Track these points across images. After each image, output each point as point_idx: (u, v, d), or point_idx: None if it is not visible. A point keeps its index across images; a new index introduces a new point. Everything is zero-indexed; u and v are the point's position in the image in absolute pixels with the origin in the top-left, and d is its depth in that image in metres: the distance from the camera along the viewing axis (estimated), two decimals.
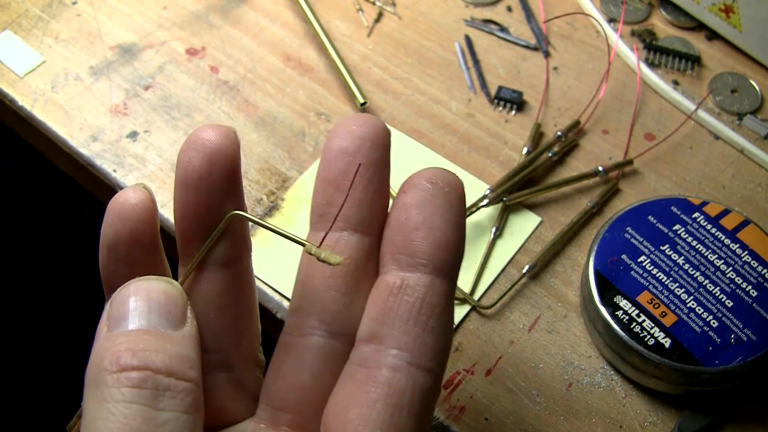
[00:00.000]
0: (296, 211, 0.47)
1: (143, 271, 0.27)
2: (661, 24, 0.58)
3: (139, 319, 0.25)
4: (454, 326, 0.43)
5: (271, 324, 0.43)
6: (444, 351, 0.26)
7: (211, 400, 0.27)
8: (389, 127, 0.51)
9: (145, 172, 0.48)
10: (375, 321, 0.26)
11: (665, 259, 0.42)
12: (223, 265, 0.28)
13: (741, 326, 0.40)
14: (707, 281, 0.42)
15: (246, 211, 0.27)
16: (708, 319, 0.40)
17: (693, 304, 0.41)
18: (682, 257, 0.43)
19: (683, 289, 0.41)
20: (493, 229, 0.47)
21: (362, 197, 0.27)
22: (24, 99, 0.51)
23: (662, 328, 0.40)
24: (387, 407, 0.24)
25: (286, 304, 0.44)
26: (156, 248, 0.27)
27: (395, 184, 0.28)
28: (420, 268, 0.26)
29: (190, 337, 0.25)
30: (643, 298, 0.41)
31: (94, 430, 0.22)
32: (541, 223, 0.48)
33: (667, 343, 0.40)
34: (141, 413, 0.22)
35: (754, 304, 0.41)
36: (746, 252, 0.43)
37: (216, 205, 0.27)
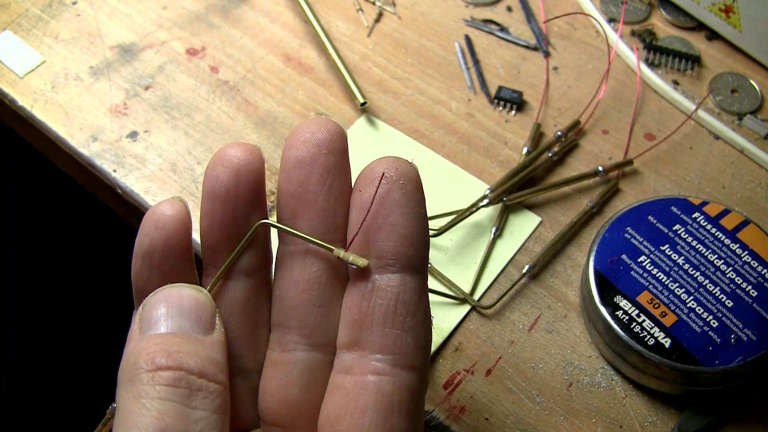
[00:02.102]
0: None
1: (174, 279, 0.27)
2: (661, 24, 0.58)
3: (171, 323, 0.25)
4: (455, 325, 0.43)
5: None
6: (425, 347, 0.26)
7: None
8: (389, 127, 0.51)
9: (145, 172, 0.48)
10: (353, 327, 0.26)
11: (665, 259, 0.42)
12: (248, 274, 0.28)
13: (741, 326, 0.40)
14: (707, 281, 0.42)
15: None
16: (708, 319, 0.40)
17: (693, 304, 0.41)
18: (682, 257, 0.43)
19: (683, 289, 0.41)
20: (493, 229, 0.47)
21: (325, 206, 0.27)
22: (24, 99, 0.51)
23: (662, 328, 0.40)
24: (378, 413, 0.25)
25: None
26: (188, 258, 0.28)
27: None
28: (388, 269, 0.26)
29: (219, 343, 0.26)
30: (643, 298, 0.41)
31: (130, 424, 0.23)
32: (541, 223, 0.48)
33: (667, 343, 0.40)
34: (175, 410, 0.23)
35: (754, 304, 0.41)
36: (746, 252, 0.43)
37: (242, 217, 0.28)
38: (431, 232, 0.46)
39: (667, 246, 0.43)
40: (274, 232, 0.28)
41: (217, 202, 0.27)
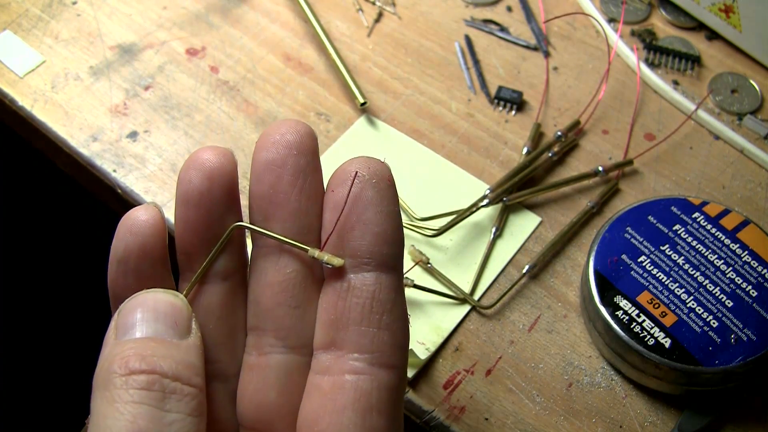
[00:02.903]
0: None
1: (150, 284, 0.27)
2: (661, 24, 0.58)
3: (147, 328, 0.25)
4: (455, 325, 0.43)
5: None
6: (403, 344, 0.26)
7: (208, 410, 0.27)
8: (389, 127, 0.51)
9: (145, 172, 0.48)
10: (329, 327, 0.26)
11: (665, 259, 0.42)
12: (224, 278, 0.28)
13: (741, 326, 0.40)
14: (707, 281, 0.42)
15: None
16: (708, 319, 0.40)
17: (693, 304, 0.41)
18: (682, 257, 0.43)
19: (683, 289, 0.41)
20: (493, 229, 0.47)
21: (297, 206, 0.27)
22: (24, 99, 0.51)
23: (662, 328, 0.40)
24: (356, 412, 0.25)
25: None
26: (163, 263, 0.28)
27: (397, 184, 0.28)
28: (363, 267, 0.26)
29: (195, 347, 0.26)
30: (643, 298, 0.41)
31: (104, 428, 0.23)
32: (541, 223, 0.48)
33: (667, 343, 0.40)
34: (148, 413, 0.23)
35: (754, 304, 0.41)
36: (746, 252, 0.43)
37: (217, 220, 0.27)
38: (431, 232, 0.46)
39: (667, 246, 0.43)
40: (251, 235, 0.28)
41: (191, 206, 0.27)
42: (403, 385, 0.26)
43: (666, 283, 0.42)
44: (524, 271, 0.45)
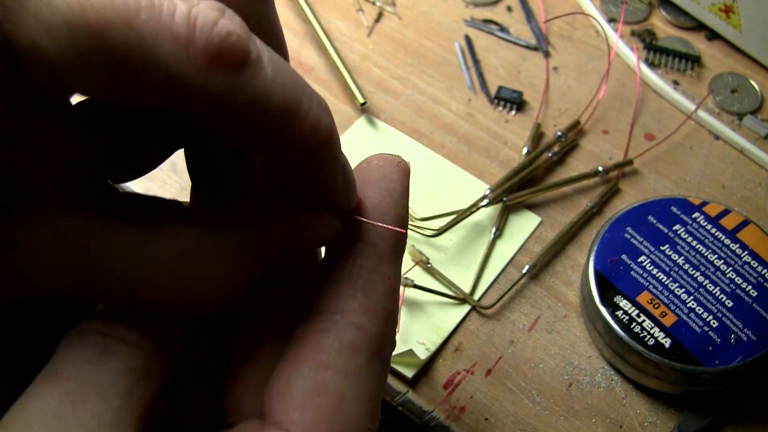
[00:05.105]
0: None
1: None
2: (661, 24, 0.58)
3: None
4: (455, 325, 0.43)
5: None
6: (375, 306, 0.25)
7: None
8: (389, 126, 0.51)
9: None
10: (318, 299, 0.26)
11: (665, 259, 0.42)
12: None
13: (741, 326, 0.40)
14: (707, 281, 0.42)
15: None
16: (708, 319, 0.40)
17: (693, 304, 0.41)
18: (682, 257, 0.43)
19: (683, 289, 0.41)
20: (493, 229, 0.47)
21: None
22: None
23: (662, 328, 0.40)
24: (311, 366, 0.23)
25: None
26: None
27: None
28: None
29: None
30: (643, 298, 0.41)
31: (45, 372, 0.22)
32: (541, 223, 0.48)
33: (667, 343, 0.40)
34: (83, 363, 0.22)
35: (754, 304, 0.41)
36: (746, 252, 0.43)
37: None
38: (431, 232, 0.46)
39: (667, 246, 0.43)
40: None
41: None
42: (373, 347, 0.25)
43: (666, 283, 0.42)
44: (524, 271, 0.45)
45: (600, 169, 0.49)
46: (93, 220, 0.21)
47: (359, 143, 0.50)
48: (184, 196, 0.47)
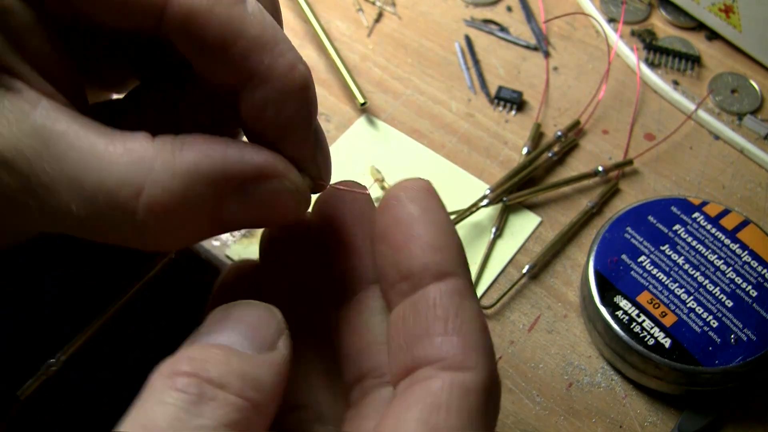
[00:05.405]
0: None
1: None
2: (661, 24, 0.58)
3: (218, 336, 0.24)
4: None
5: None
6: (477, 345, 0.24)
7: None
8: (389, 126, 0.51)
9: None
10: (399, 352, 0.25)
11: (665, 259, 0.42)
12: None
13: (741, 326, 0.40)
14: (707, 281, 0.42)
15: None
16: (708, 319, 0.40)
17: (693, 304, 0.41)
18: (682, 257, 0.43)
19: (683, 289, 0.41)
20: (493, 229, 0.47)
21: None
22: None
23: (662, 328, 0.40)
24: (422, 410, 0.22)
25: None
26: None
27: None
28: (422, 282, 0.25)
29: (271, 364, 0.24)
30: (643, 298, 0.41)
31: (134, 417, 0.22)
32: (541, 223, 0.48)
33: (667, 343, 0.40)
34: (174, 414, 0.21)
35: (754, 304, 0.41)
36: (746, 252, 0.43)
37: None
38: None
39: (667, 246, 0.43)
40: None
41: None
42: (488, 386, 0.24)
43: (666, 283, 0.42)
44: (524, 271, 0.45)
45: (600, 169, 0.49)
46: (64, 113, 0.24)
47: (359, 143, 0.50)
48: None
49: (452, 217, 0.46)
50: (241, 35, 0.24)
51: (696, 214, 0.44)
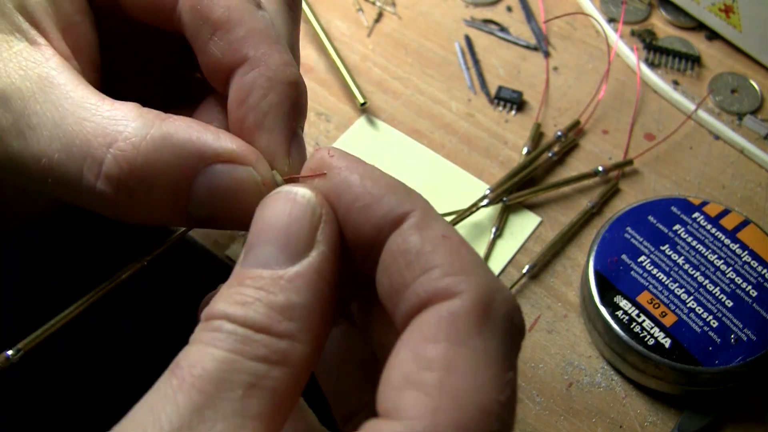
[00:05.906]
0: None
1: None
2: (661, 24, 0.58)
3: (255, 256, 0.24)
4: None
5: None
6: (460, 268, 0.23)
7: None
8: (389, 126, 0.51)
9: None
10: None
11: (665, 259, 0.42)
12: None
13: (741, 326, 0.40)
14: (707, 281, 0.42)
15: None
16: (708, 319, 0.40)
17: (693, 304, 0.41)
18: (682, 257, 0.43)
19: (683, 289, 0.41)
20: (493, 229, 0.47)
21: None
22: None
23: (662, 328, 0.40)
24: (412, 345, 0.22)
25: None
26: None
27: None
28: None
29: (305, 275, 0.23)
30: (643, 298, 0.41)
31: (186, 356, 0.22)
32: (541, 223, 0.48)
33: (667, 343, 0.40)
34: (224, 358, 0.21)
35: (754, 304, 0.41)
36: (746, 252, 0.43)
37: None
38: None
39: (667, 246, 0.43)
40: None
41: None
42: (481, 305, 0.22)
43: (666, 283, 0.42)
44: (524, 271, 0.45)
45: (600, 169, 0.49)
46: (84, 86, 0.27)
47: (359, 143, 0.50)
48: None
49: (452, 217, 0.46)
50: (242, 23, 0.27)
51: (696, 214, 0.44)
